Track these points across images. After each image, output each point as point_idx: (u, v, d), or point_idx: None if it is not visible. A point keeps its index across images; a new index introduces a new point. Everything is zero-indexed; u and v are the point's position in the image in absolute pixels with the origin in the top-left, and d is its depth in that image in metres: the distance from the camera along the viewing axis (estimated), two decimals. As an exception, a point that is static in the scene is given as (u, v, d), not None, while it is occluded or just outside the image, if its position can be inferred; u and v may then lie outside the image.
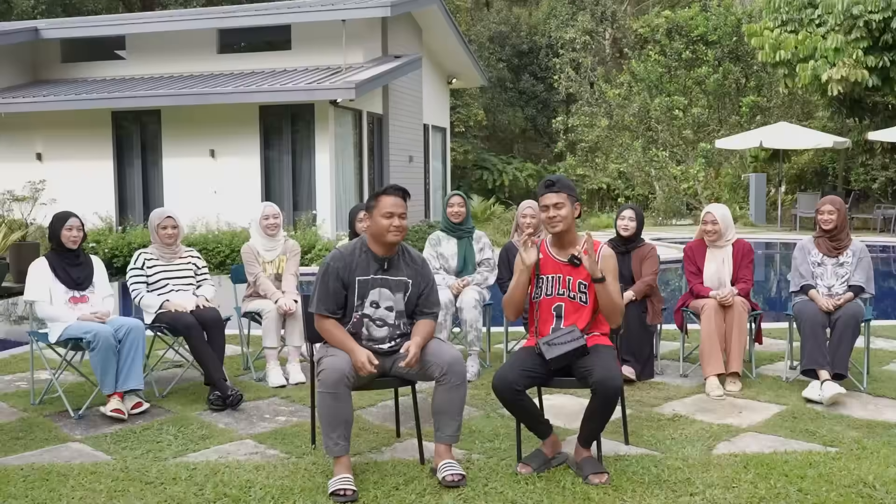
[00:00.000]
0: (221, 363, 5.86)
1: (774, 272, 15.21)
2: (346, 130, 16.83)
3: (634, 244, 6.45)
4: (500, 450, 4.68)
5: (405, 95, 19.29)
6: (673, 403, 5.66)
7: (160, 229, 6.17)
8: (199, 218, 16.12)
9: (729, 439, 4.85)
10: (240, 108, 16.21)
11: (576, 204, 4.37)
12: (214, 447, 4.82)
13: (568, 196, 4.35)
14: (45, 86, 17.94)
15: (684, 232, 20.38)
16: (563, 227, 4.36)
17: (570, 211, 4.35)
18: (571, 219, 4.37)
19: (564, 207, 4.34)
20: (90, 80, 18.18)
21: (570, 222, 4.37)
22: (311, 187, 16.20)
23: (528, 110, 33.50)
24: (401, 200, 4.35)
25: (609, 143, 27.48)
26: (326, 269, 4.35)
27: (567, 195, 4.35)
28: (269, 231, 6.59)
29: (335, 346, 4.29)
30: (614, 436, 4.88)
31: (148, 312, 6.00)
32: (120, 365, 5.43)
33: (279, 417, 5.45)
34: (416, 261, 4.50)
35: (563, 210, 4.34)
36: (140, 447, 4.82)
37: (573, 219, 4.38)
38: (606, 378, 4.07)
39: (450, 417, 4.26)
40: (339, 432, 4.13)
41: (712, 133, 25.61)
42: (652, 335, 6.37)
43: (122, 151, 17.32)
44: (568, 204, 4.34)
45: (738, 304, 6.02)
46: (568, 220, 4.36)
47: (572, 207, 4.36)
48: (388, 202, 4.33)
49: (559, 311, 4.43)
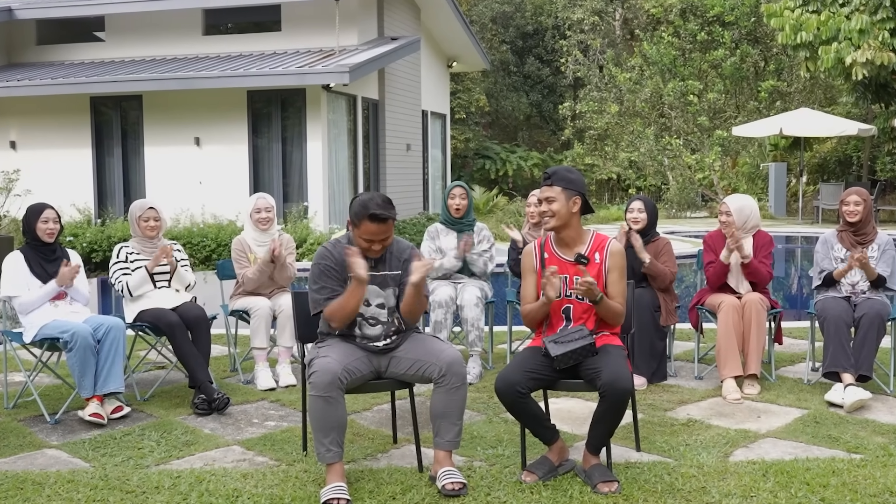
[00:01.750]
0: (207, 364, 5.85)
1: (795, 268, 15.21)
2: (340, 117, 16.82)
3: (647, 237, 6.44)
4: (504, 456, 4.67)
5: (402, 80, 19.27)
6: (687, 407, 5.66)
7: (141, 221, 6.16)
8: (183, 210, 16.12)
9: (747, 445, 4.85)
10: (226, 94, 16.19)
11: (574, 198, 4.36)
12: (199, 454, 4.82)
13: (563, 190, 4.34)
14: (19, 69, 17.92)
15: (699, 225, 20.39)
16: (556, 223, 4.37)
17: (563, 206, 4.34)
18: (567, 215, 4.36)
19: (556, 202, 4.35)
20: (67, 64, 18.16)
21: (566, 218, 4.37)
22: (302, 177, 16.19)
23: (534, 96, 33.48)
24: (386, 226, 4.30)
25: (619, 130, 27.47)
26: (319, 270, 4.36)
27: (562, 189, 4.34)
28: (262, 225, 6.58)
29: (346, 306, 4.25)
30: (625, 442, 4.88)
31: (135, 301, 6.02)
32: (99, 366, 5.43)
33: (268, 422, 5.44)
34: (405, 251, 4.51)
35: (555, 205, 4.35)
36: (120, 454, 4.81)
37: (570, 214, 4.37)
38: (616, 380, 4.07)
39: (450, 422, 4.26)
40: (331, 438, 4.13)
41: (729, 120, 25.60)
42: (665, 335, 6.37)
43: (102, 139, 17.30)
44: (562, 198, 4.34)
45: (756, 301, 6.01)
46: (562, 217, 4.36)
47: (568, 202, 4.35)
48: (370, 230, 4.28)
49: (568, 313, 4.44)
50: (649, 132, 25.66)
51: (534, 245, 4.57)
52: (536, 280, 4.47)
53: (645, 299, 6.14)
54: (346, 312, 4.31)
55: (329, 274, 4.35)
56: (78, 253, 6.27)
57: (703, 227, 19.04)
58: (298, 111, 16.17)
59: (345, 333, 4.41)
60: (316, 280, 4.36)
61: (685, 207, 24.49)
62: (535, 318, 4.48)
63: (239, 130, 16.39)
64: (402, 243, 4.55)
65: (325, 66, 15.36)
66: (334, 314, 4.31)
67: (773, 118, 21.56)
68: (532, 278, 4.51)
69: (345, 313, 4.31)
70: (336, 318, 4.32)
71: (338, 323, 4.34)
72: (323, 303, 4.32)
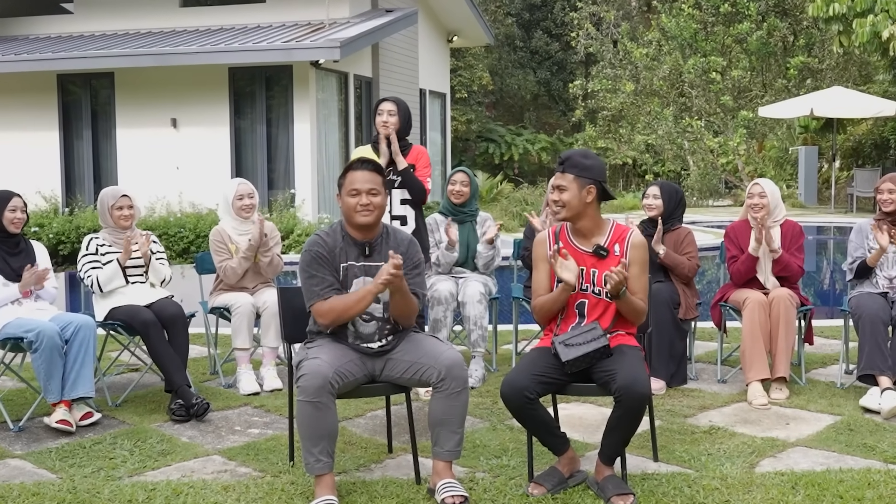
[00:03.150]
0: (185, 367, 5.85)
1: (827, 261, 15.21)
2: (330, 96, 16.79)
3: (666, 226, 6.43)
4: (509, 467, 4.67)
5: (398, 56, 19.23)
6: (709, 413, 5.66)
7: (114, 210, 6.15)
8: (159, 198, 16.11)
9: (775, 455, 4.85)
10: (206, 71, 16.16)
11: (588, 187, 4.34)
12: (176, 464, 4.82)
13: (576, 178, 4.33)
14: (-21, 44, 17.90)
15: (722, 214, 20.39)
16: (566, 214, 4.38)
17: (575, 196, 4.34)
18: (579, 205, 4.35)
19: (567, 191, 4.34)
20: (32, 38, 18.12)
21: (578, 209, 4.36)
22: (288, 162, 16.17)
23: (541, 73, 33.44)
24: (371, 175, 4.36)
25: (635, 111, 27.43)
26: (310, 257, 4.35)
27: (574, 177, 4.33)
28: (244, 213, 6.57)
29: (348, 309, 4.27)
30: (641, 451, 4.88)
31: (106, 298, 6.02)
32: (67, 369, 5.42)
33: (252, 430, 5.44)
34: (403, 241, 4.51)
35: (566, 194, 4.35)
36: (90, 464, 4.81)
37: (584, 205, 4.36)
38: (632, 384, 4.06)
39: (450, 430, 4.26)
40: (321, 447, 4.13)
41: (755, 100, 25.57)
42: (685, 334, 6.36)
43: (70, 121, 17.27)
44: (574, 187, 4.33)
45: (785, 298, 6.01)
46: (573, 208, 4.36)
47: (581, 192, 4.34)
48: (354, 178, 4.35)
49: (581, 308, 4.43)
50: (668, 113, 25.63)
51: (548, 233, 4.55)
52: (550, 270, 4.46)
53: (663, 295, 6.13)
54: (345, 316, 4.31)
55: (322, 261, 4.34)
56: (44, 245, 6.23)
57: (726, 217, 19.03)
58: (285, 90, 16.14)
59: (336, 332, 4.41)
60: (307, 269, 4.35)
61: (707, 195, 24.47)
62: (549, 312, 4.47)
63: (220, 111, 16.36)
64: (401, 233, 4.55)
65: (314, 40, 15.33)
66: (330, 313, 4.30)
67: (803, 97, 21.54)
68: (545, 268, 4.50)
69: (343, 316, 4.31)
70: (330, 317, 4.32)
71: (328, 322, 4.34)
72: (320, 293, 4.31)
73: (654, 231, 6.38)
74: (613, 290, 4.26)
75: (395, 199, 6.11)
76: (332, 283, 4.34)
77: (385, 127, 6.19)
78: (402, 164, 6.09)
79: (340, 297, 4.32)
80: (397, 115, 6.19)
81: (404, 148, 6.20)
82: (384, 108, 6.24)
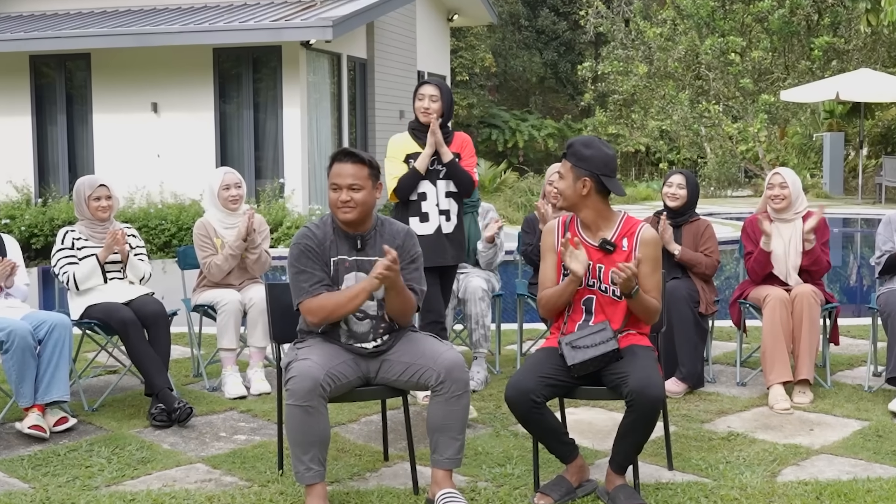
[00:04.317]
0: (166, 369, 5.85)
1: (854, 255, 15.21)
2: (322, 79, 16.77)
3: (685, 217, 6.42)
4: (513, 476, 4.67)
5: (395, 35, 19.21)
6: (728, 418, 5.66)
7: (91, 201, 6.14)
8: (139, 188, 16.09)
9: (797, 463, 4.86)
10: (189, 52, 16.14)
11: (583, 179, 4.33)
12: (157, 473, 4.81)
13: (572, 167, 4.34)
14: (-54, 23, 17.87)
15: (742, 205, 20.38)
16: (562, 203, 4.46)
17: (570, 186, 4.36)
18: (573, 196, 4.37)
19: (564, 180, 4.39)
20: (2, 17, 18.10)
21: (572, 200, 4.39)
22: (277, 150, 16.16)
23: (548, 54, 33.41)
24: (353, 167, 4.34)
25: (648, 94, 27.41)
26: (299, 251, 4.35)
27: (571, 166, 4.35)
28: (231, 204, 6.56)
29: (339, 308, 4.28)
30: (655, 459, 4.89)
31: (82, 295, 6.01)
32: (40, 371, 5.42)
33: (238, 436, 5.44)
34: (398, 234, 4.51)
35: (561, 183, 4.42)
36: (65, 473, 4.80)
37: (580, 196, 4.36)
38: (646, 387, 4.06)
39: (450, 436, 4.26)
40: (312, 455, 4.13)
41: (777, 83, 25.54)
42: (706, 333, 6.36)
43: (43, 105, 17.25)
44: (570, 177, 4.36)
45: (808, 295, 6.00)
46: (567, 198, 4.40)
47: (576, 183, 4.34)
48: (334, 171, 4.36)
49: (589, 305, 4.43)
50: (683, 97, 25.59)
51: (557, 223, 4.55)
52: (557, 262, 4.46)
53: (682, 292, 6.13)
54: (336, 314, 4.31)
55: (311, 255, 4.33)
56: (15, 238, 6.23)
57: (745, 208, 19.02)
58: (273, 72, 16.12)
59: (328, 332, 4.40)
60: (295, 263, 4.35)
61: (725, 185, 24.46)
62: (555, 306, 4.47)
63: (203, 95, 16.33)
64: (396, 226, 4.54)
65: (305, 19, 15.30)
66: (319, 311, 4.30)
67: (829, 80, 21.52)
68: (552, 259, 4.50)
69: (334, 314, 4.31)
70: (320, 315, 4.31)
71: (319, 321, 4.34)
72: (309, 290, 4.31)
73: (673, 223, 6.36)
74: (623, 288, 4.25)
75: (441, 192, 5.81)
76: (322, 278, 4.33)
77: (427, 114, 5.77)
78: (448, 155, 5.76)
79: (331, 294, 4.31)
80: (440, 100, 5.78)
81: (446, 136, 5.84)
82: (425, 93, 5.81)
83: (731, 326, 7.22)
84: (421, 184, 5.75)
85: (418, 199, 5.78)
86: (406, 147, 5.83)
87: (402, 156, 5.81)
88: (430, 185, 5.77)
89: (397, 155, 5.83)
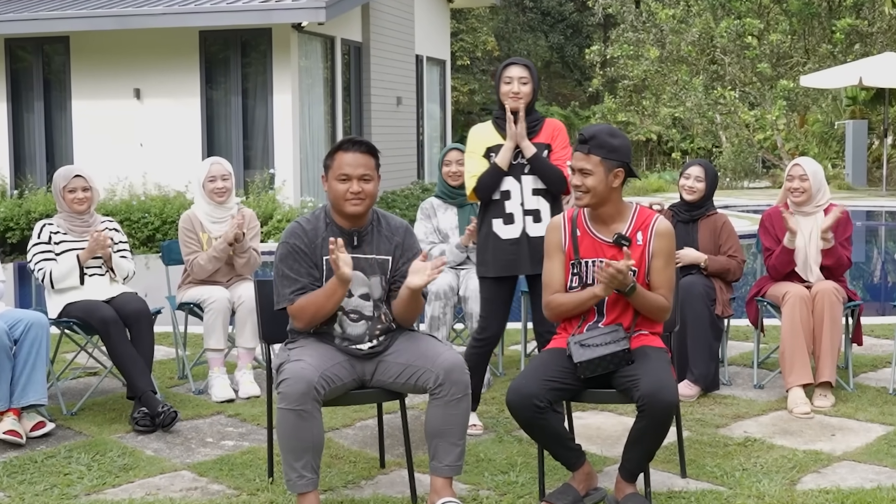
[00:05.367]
0: (150, 370, 5.86)
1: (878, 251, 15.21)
2: (314, 64, 16.76)
3: (702, 211, 6.42)
4: (517, 484, 4.68)
5: (392, 17, 19.19)
6: (744, 423, 5.66)
7: (67, 193, 6.14)
8: (121, 179, 16.09)
9: (818, 470, 4.85)
10: (173, 34, 16.12)
11: (616, 171, 4.33)
12: (140, 481, 4.81)
13: (602, 160, 4.32)
14: (-84, 4, 17.86)
15: (759, 197, 20.37)
16: (590, 200, 4.37)
17: (601, 181, 4.33)
18: (605, 191, 4.35)
19: (593, 176, 4.32)
20: (-24, -3, 18.09)
21: (603, 195, 4.36)
22: (267, 138, 16.15)
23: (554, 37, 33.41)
24: (363, 157, 4.35)
25: (660, 80, 27.39)
26: (286, 251, 4.35)
27: (601, 159, 4.32)
28: (218, 196, 6.56)
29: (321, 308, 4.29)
30: (667, 466, 4.89)
31: (59, 294, 5.99)
32: (16, 373, 5.42)
33: (225, 442, 5.44)
34: (397, 230, 4.51)
35: (591, 179, 4.33)
36: (42, 481, 4.80)
37: (609, 189, 4.35)
38: (658, 390, 4.06)
39: (449, 442, 4.26)
40: (304, 461, 4.13)
41: (796, 67, 25.53)
42: (721, 333, 6.35)
43: (19, 91, 17.23)
44: (600, 171, 4.32)
45: (830, 292, 6.00)
46: (598, 194, 4.35)
47: (608, 176, 4.33)
48: (344, 161, 4.34)
49: (601, 306, 4.42)
50: (697, 82, 25.58)
51: (563, 217, 4.53)
52: (565, 262, 4.45)
53: (698, 288, 6.12)
54: (320, 315, 4.31)
55: (298, 257, 4.33)
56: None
57: (763, 200, 19.03)
58: (263, 56, 16.10)
59: (321, 331, 4.40)
60: (280, 265, 4.35)
61: (742, 175, 24.46)
62: (567, 313, 4.46)
63: (189, 81, 16.32)
64: (394, 221, 4.54)
65: (296, 0, 15.29)
66: (303, 313, 4.31)
67: (851, 65, 21.50)
68: (559, 259, 4.48)
69: (317, 316, 4.31)
70: (304, 317, 4.32)
71: (304, 324, 4.34)
72: (289, 297, 4.31)
73: (689, 216, 6.35)
74: (616, 285, 4.23)
75: (527, 188, 5.30)
76: (306, 285, 4.33)
77: (517, 98, 5.25)
78: (530, 149, 5.23)
79: (310, 295, 4.32)
80: (530, 82, 5.28)
81: (533, 124, 5.33)
82: (513, 75, 5.29)
83: (747, 325, 7.22)
84: (504, 180, 5.27)
85: (501, 199, 5.31)
86: (487, 139, 5.38)
87: (482, 150, 5.36)
88: (514, 181, 5.28)
89: (477, 149, 5.38)
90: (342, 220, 4.40)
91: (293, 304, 4.31)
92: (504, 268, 5.23)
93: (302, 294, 4.31)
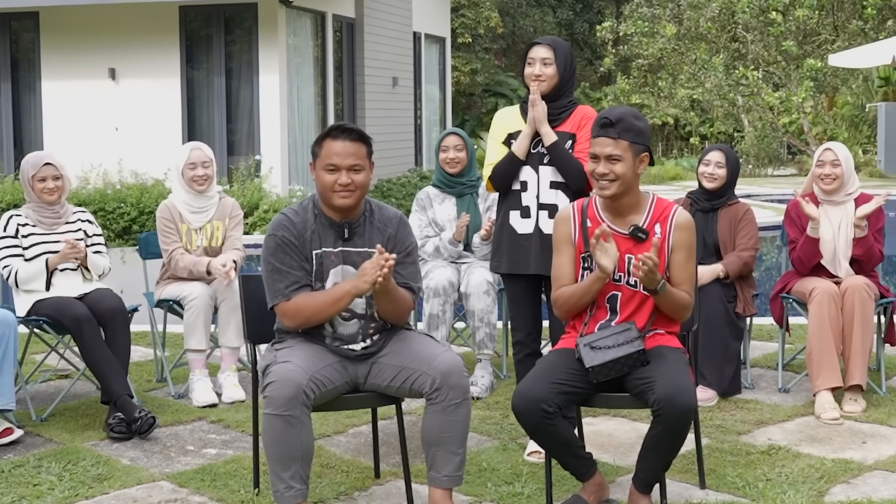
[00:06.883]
0: (126, 373, 5.85)
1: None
2: (304, 41, 16.76)
3: (723, 200, 6.41)
4: (523, 495, 4.68)
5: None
6: (768, 430, 5.66)
7: (36, 182, 6.13)
8: (94, 166, 16.10)
9: (848, 481, 4.85)
10: (151, 10, 16.13)
11: (642, 155, 4.33)
12: (115, 492, 4.81)
13: (630, 145, 4.30)
14: None
15: (784, 185, 20.35)
16: (618, 189, 4.34)
17: (630, 168, 4.31)
18: (633, 178, 4.33)
19: (621, 162, 4.29)
20: (-63, -30, 18.08)
21: (631, 183, 4.34)
22: (253, 122, 16.16)
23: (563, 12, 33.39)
24: (353, 146, 4.33)
25: (677, 59, 27.37)
26: (275, 244, 4.34)
27: (629, 143, 4.30)
28: (198, 185, 6.55)
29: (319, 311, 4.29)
30: (685, 476, 4.89)
31: (28, 292, 5.99)
32: (-19, 375, 5.42)
33: (208, 450, 5.44)
34: (390, 221, 4.51)
35: (619, 166, 4.30)
36: (10, 492, 4.80)
37: (635, 176, 4.34)
38: (675, 394, 4.06)
39: (448, 450, 4.26)
40: (293, 471, 4.13)
41: (824, 45, 25.51)
42: (741, 333, 6.35)
43: (-15, 71, 17.26)
44: (629, 157, 4.30)
45: (860, 288, 5.99)
46: (627, 182, 4.33)
47: (635, 161, 4.31)
48: (332, 150, 4.32)
49: (614, 303, 4.41)
50: (717, 62, 25.56)
51: (573, 209, 4.52)
52: (575, 255, 4.44)
53: (715, 286, 6.13)
54: (315, 319, 4.32)
55: (288, 250, 4.33)
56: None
57: (788, 189, 18.98)
58: (248, 33, 16.11)
59: (310, 331, 4.40)
60: (270, 259, 4.34)
61: (765, 162, 24.43)
62: (575, 306, 4.46)
63: (168, 59, 16.32)
64: (388, 211, 4.53)
65: (284, -28, 15.30)
66: (298, 314, 4.31)
67: (883, 43, 21.47)
68: (568, 252, 4.47)
69: (313, 319, 4.32)
70: (298, 318, 4.32)
71: (296, 326, 4.34)
72: (284, 292, 4.30)
73: (710, 205, 6.35)
74: (646, 283, 4.23)
75: (544, 180, 5.19)
76: (300, 277, 4.33)
77: (539, 81, 5.13)
78: (550, 136, 5.09)
79: (310, 296, 4.30)
80: (554, 63, 5.13)
81: (561, 110, 5.20)
82: (536, 56, 5.15)
83: (771, 324, 7.22)
84: (522, 170, 5.19)
85: (519, 190, 5.22)
86: (509, 124, 5.30)
87: (503, 135, 5.28)
88: (532, 171, 5.18)
89: (498, 135, 5.30)
90: (332, 212, 4.39)
91: (289, 301, 4.31)
92: (513, 264, 5.21)
93: (297, 288, 4.31)
